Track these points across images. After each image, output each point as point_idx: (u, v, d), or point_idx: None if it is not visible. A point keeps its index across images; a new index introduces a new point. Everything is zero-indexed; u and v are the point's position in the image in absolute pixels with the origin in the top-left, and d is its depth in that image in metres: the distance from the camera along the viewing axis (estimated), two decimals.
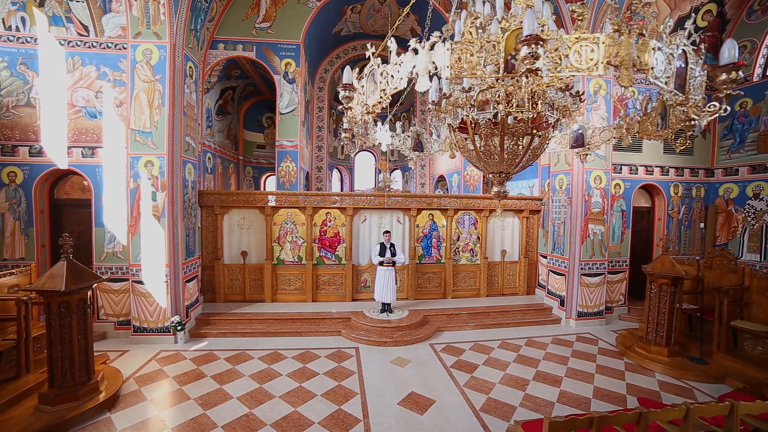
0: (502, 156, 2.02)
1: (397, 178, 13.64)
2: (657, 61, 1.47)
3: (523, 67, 1.23)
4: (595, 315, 6.76)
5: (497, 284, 8.04)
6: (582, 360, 5.38)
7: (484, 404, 4.16)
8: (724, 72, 1.49)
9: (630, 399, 4.30)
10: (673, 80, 1.56)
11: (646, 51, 1.42)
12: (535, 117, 1.94)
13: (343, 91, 1.80)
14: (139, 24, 5.38)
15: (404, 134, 3.03)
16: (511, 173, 2.17)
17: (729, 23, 7.14)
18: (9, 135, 5.53)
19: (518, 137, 2.04)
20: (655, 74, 1.47)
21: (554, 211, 7.27)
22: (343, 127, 2.41)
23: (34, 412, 3.61)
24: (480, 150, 2.07)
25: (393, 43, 1.71)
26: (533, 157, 2.17)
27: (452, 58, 1.42)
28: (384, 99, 1.70)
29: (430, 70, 1.47)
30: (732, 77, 1.49)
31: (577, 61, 1.37)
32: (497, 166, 2.09)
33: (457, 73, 1.41)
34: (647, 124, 2.05)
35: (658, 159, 7.32)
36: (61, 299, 3.72)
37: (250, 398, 4.21)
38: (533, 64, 1.23)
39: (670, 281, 5.17)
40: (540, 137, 2.08)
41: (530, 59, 1.23)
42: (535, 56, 1.22)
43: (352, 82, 1.81)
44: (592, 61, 1.35)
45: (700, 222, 7.66)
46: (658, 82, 1.51)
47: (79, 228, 5.99)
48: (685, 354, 5.27)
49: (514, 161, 2.09)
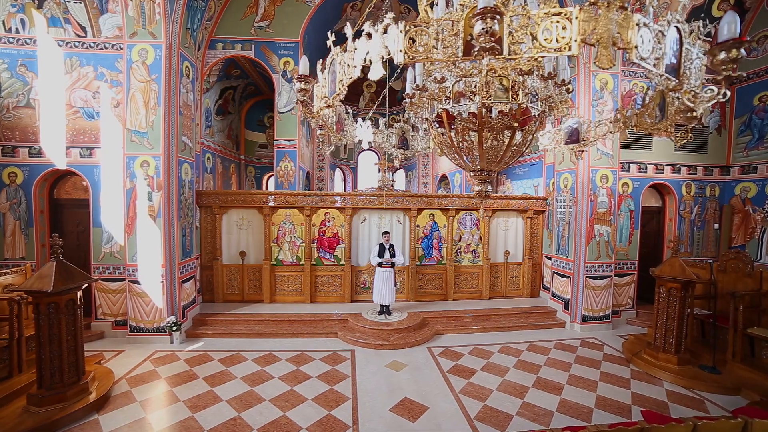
0: (482, 152, 1.87)
1: (401, 177, 13.49)
2: (642, 39, 1.29)
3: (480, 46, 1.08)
4: (601, 319, 6.50)
5: (500, 286, 7.83)
6: (585, 366, 5.15)
7: (480, 412, 3.99)
8: (723, 50, 1.29)
9: (635, 410, 4.08)
10: (663, 62, 1.37)
11: (628, 27, 1.25)
12: (515, 109, 1.78)
13: (298, 83, 1.68)
14: (135, 24, 5.38)
15: (388, 131, 2.90)
16: (494, 171, 2.02)
17: (748, 12, 6.77)
18: (9, 136, 5.60)
19: (498, 132, 1.88)
20: (640, 54, 1.29)
21: (559, 211, 7.03)
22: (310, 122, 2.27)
23: (21, 413, 3.60)
24: (458, 146, 1.92)
25: (349, 29, 1.58)
26: (516, 154, 2.01)
27: (405, 41, 1.28)
28: (342, 90, 1.57)
29: (383, 56, 1.34)
30: (732, 56, 1.29)
31: (546, 41, 1.20)
32: (477, 164, 1.95)
33: (412, 58, 1.27)
34: (645, 116, 1.88)
35: (669, 157, 7.00)
36: (49, 299, 3.70)
37: (239, 401, 4.14)
38: (490, 42, 1.08)
39: (680, 285, 4.90)
40: (523, 132, 1.91)
41: (486, 37, 1.08)
42: (491, 33, 1.07)
43: (310, 72, 1.69)
44: (564, 40, 1.19)
45: (714, 223, 7.31)
46: (644, 63, 1.34)
47: (78, 228, 6.04)
48: (697, 362, 4.99)
49: (496, 158, 1.93)
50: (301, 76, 1.70)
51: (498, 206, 7.61)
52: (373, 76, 1.39)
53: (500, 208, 7.65)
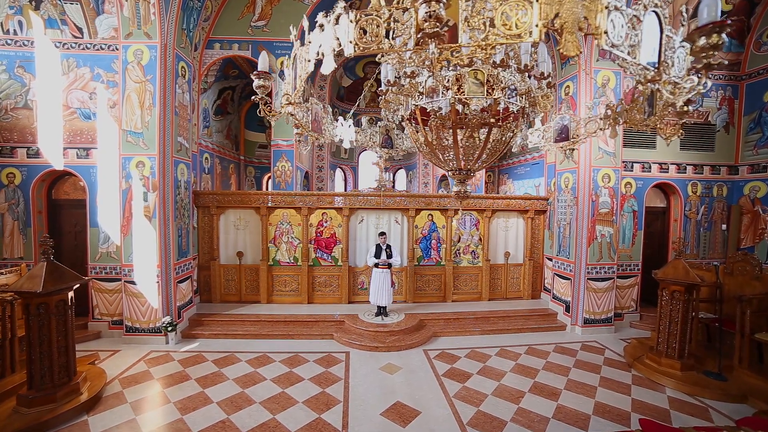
0: (457, 151, 1.77)
1: (401, 177, 13.39)
2: (614, 24, 1.18)
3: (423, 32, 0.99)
4: (602, 322, 6.34)
5: (500, 288, 7.70)
6: (585, 371, 5.01)
7: (473, 418, 3.89)
8: (702, 35, 1.18)
9: (634, 417, 3.94)
10: (639, 49, 1.26)
11: (596, 10, 1.14)
12: (491, 104, 1.69)
13: (257, 79, 1.61)
14: (130, 24, 5.38)
15: (371, 130, 2.81)
16: (472, 170, 1.92)
17: (758, 5, 6.54)
18: (8, 137, 5.65)
19: (474, 129, 1.78)
20: (610, 41, 1.19)
21: (560, 211, 6.88)
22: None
23: (11, 413, 3.60)
24: (433, 144, 1.83)
25: (305, 21, 1.50)
26: (494, 152, 1.91)
27: (356, 31, 1.20)
28: (300, 87, 1.50)
29: (334, 48, 1.26)
30: (713, 41, 1.18)
31: (505, 26, 1.10)
32: (454, 163, 1.85)
33: (362, 49, 1.19)
34: (634, 112, 1.77)
35: (674, 155, 6.81)
36: (39, 300, 3.70)
37: (230, 403, 4.10)
38: (434, 27, 0.99)
39: (684, 288, 4.74)
40: (501, 129, 1.81)
41: (431, 22, 0.99)
42: (436, 18, 0.98)
43: (268, 69, 1.62)
44: (525, 26, 1.09)
45: (722, 224, 7.09)
46: (616, 51, 1.23)
47: (75, 228, 6.08)
48: (701, 368, 4.82)
49: (474, 157, 1.84)
50: (259, 72, 1.63)
51: (498, 206, 7.49)
52: (325, 70, 1.31)
53: (500, 209, 7.52)
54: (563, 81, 6.67)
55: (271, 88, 1.71)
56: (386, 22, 1.17)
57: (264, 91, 1.65)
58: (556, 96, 6.82)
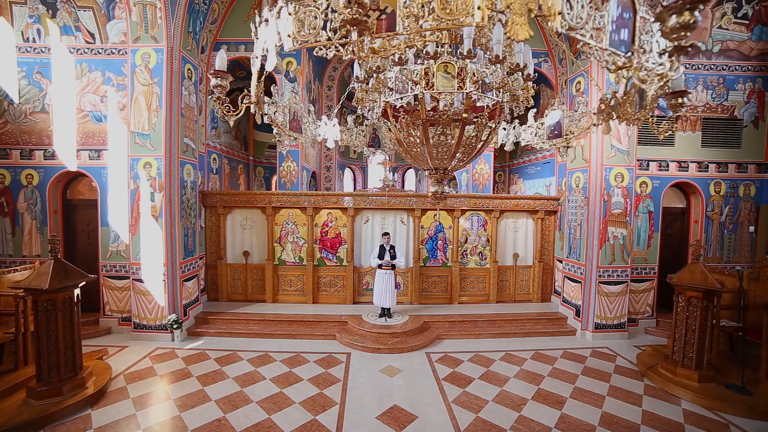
0: (429, 149, 1.68)
1: (410, 177, 13.27)
2: (570, 4, 1.05)
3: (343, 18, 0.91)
4: (615, 327, 6.05)
5: (509, 290, 7.49)
6: (593, 379, 4.79)
7: (470, 425, 3.77)
8: (673, 13, 1.03)
9: (645, 430, 3.73)
10: (606, 33, 1.12)
11: None
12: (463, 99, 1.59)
13: (214, 78, 1.57)
14: (138, 29, 5.52)
15: (357, 129, 2.74)
16: (449, 170, 1.82)
17: None
18: (27, 140, 5.91)
19: (445, 126, 1.68)
20: (567, 23, 1.06)
21: (570, 212, 6.62)
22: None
23: (21, 404, 3.75)
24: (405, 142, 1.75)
25: (257, 17, 1.45)
26: (472, 151, 1.80)
27: (295, 24, 1.14)
28: (260, 86, 1.46)
29: (276, 43, 1.21)
30: (684, 20, 1.03)
31: (443, 10, 1.00)
32: (429, 162, 1.76)
33: (300, 43, 1.13)
34: (626, 105, 1.63)
35: (695, 153, 6.42)
36: (46, 297, 3.83)
37: (227, 402, 4.13)
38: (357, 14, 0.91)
39: (702, 294, 4.45)
40: (476, 125, 1.71)
41: (354, 8, 0.92)
42: (358, 3, 0.90)
43: (225, 68, 1.58)
44: (466, 8, 0.99)
45: (749, 225, 6.64)
46: (578, 35, 1.10)
47: (88, 227, 6.30)
48: (723, 380, 4.51)
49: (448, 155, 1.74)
50: (216, 71, 1.59)
51: (506, 207, 7.28)
52: (269, 66, 1.26)
53: (509, 209, 7.31)
54: (574, 77, 6.41)
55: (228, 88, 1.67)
56: (323, 13, 1.11)
57: (221, 91, 1.62)
58: (567, 92, 6.56)
